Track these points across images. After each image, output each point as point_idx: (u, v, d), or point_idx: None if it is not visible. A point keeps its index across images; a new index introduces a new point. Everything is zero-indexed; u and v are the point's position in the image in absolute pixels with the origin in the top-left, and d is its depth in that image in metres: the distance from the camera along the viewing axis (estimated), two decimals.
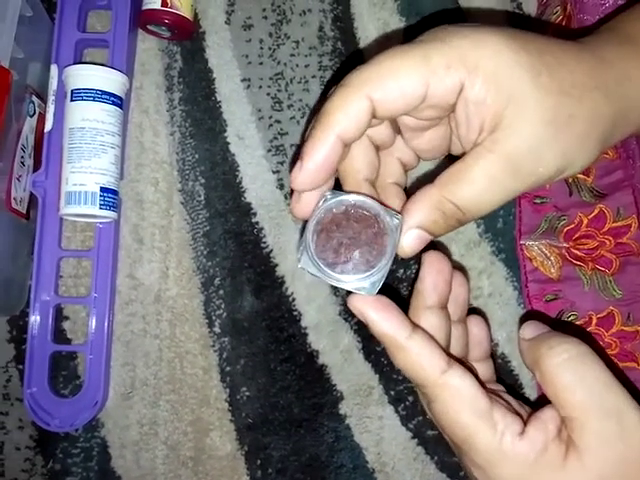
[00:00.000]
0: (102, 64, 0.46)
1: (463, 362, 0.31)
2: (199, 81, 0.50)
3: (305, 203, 0.29)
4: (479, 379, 0.29)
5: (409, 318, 0.30)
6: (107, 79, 0.45)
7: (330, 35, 0.51)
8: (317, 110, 0.28)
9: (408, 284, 0.48)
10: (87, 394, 0.45)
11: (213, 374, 0.47)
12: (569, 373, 0.28)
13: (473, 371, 0.33)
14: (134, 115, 0.50)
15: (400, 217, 0.28)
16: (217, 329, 0.47)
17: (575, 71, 0.27)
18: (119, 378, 0.47)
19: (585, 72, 0.27)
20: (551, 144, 0.26)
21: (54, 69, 0.47)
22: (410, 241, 0.28)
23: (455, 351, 0.33)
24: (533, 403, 0.46)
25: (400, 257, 0.29)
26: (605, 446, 0.27)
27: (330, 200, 0.28)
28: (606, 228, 0.45)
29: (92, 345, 0.45)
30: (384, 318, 0.28)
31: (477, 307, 0.47)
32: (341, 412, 0.47)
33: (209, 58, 0.51)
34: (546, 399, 0.29)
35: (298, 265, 0.28)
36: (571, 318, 0.44)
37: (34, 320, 0.45)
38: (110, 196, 0.45)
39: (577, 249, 0.45)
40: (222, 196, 0.49)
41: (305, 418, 0.46)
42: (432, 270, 0.31)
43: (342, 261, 0.28)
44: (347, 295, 0.30)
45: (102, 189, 0.44)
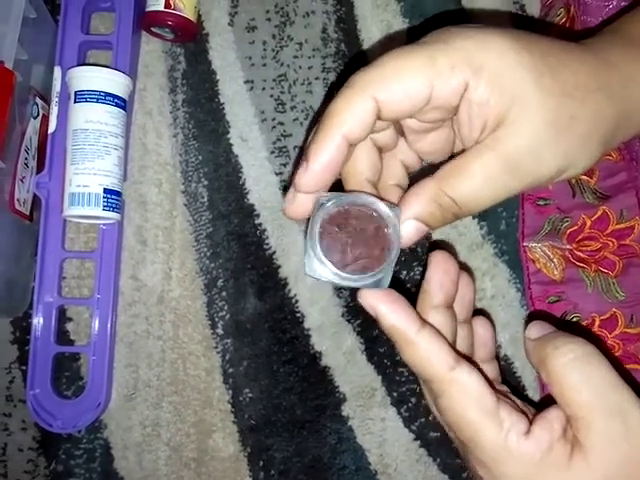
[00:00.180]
0: (106, 66, 0.47)
1: (471, 360, 0.31)
2: (202, 83, 0.50)
3: (300, 204, 0.29)
4: (486, 378, 0.29)
5: (418, 313, 0.30)
6: (110, 81, 0.45)
7: (333, 37, 0.51)
8: (321, 112, 0.28)
9: (411, 285, 0.48)
10: (90, 395, 0.45)
11: (216, 375, 0.47)
12: (575, 373, 0.28)
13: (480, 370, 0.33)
14: (137, 117, 0.50)
15: (397, 208, 0.28)
16: (220, 330, 0.47)
17: (578, 72, 0.27)
18: (122, 379, 0.47)
19: (588, 73, 0.27)
20: (552, 145, 0.26)
21: (58, 71, 0.47)
22: (407, 232, 0.28)
23: (460, 351, 0.33)
24: (536, 404, 0.45)
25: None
26: (611, 446, 0.27)
27: (327, 203, 0.28)
28: (609, 230, 0.45)
29: (95, 346, 0.46)
30: (394, 311, 0.29)
31: (481, 308, 0.47)
32: (344, 414, 0.46)
33: (212, 60, 0.51)
34: (550, 400, 0.29)
35: (305, 273, 0.28)
36: (574, 320, 0.44)
37: (37, 321, 0.45)
38: (113, 197, 0.45)
39: (580, 251, 0.45)
40: (225, 198, 0.49)
41: (308, 420, 0.46)
42: (439, 270, 0.31)
43: (351, 261, 0.28)
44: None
45: (105, 190, 0.44)
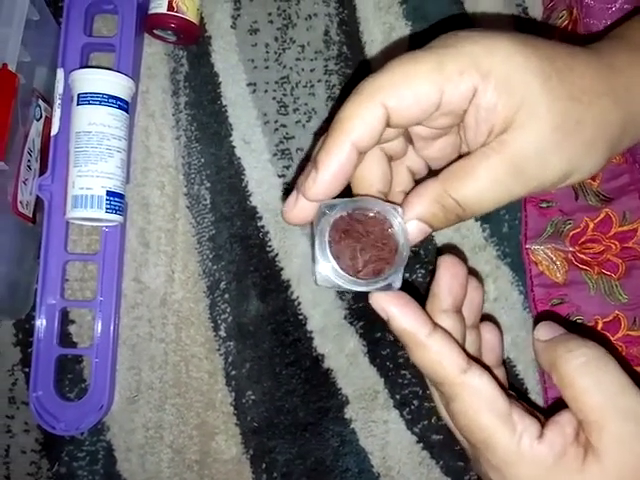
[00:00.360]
0: (108, 68, 0.47)
1: (481, 363, 0.31)
2: (205, 85, 0.50)
3: (301, 209, 0.29)
4: (498, 382, 0.29)
5: (429, 316, 0.30)
6: (113, 83, 0.45)
7: (336, 39, 0.51)
8: (327, 119, 0.27)
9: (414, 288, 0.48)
10: (93, 398, 0.45)
11: (218, 378, 0.47)
12: (587, 376, 0.28)
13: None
14: (140, 119, 0.50)
15: (400, 209, 0.28)
16: (223, 333, 0.47)
17: (584, 76, 0.27)
18: (125, 382, 0.47)
19: (594, 78, 0.27)
20: (557, 149, 0.26)
21: (60, 73, 0.47)
22: (410, 232, 0.28)
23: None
24: (539, 408, 0.45)
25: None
26: (624, 449, 0.27)
27: (332, 210, 0.27)
28: (612, 232, 0.45)
29: (98, 349, 0.46)
30: (405, 314, 0.29)
31: (487, 313, 0.47)
32: (346, 416, 0.46)
33: (215, 62, 0.51)
34: (559, 404, 0.29)
35: (316, 284, 0.28)
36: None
37: (40, 323, 0.45)
38: (116, 200, 0.45)
39: (583, 253, 0.45)
40: (228, 200, 0.49)
41: (310, 422, 0.46)
42: (447, 273, 0.31)
43: (362, 266, 0.28)
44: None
45: (108, 193, 0.44)
